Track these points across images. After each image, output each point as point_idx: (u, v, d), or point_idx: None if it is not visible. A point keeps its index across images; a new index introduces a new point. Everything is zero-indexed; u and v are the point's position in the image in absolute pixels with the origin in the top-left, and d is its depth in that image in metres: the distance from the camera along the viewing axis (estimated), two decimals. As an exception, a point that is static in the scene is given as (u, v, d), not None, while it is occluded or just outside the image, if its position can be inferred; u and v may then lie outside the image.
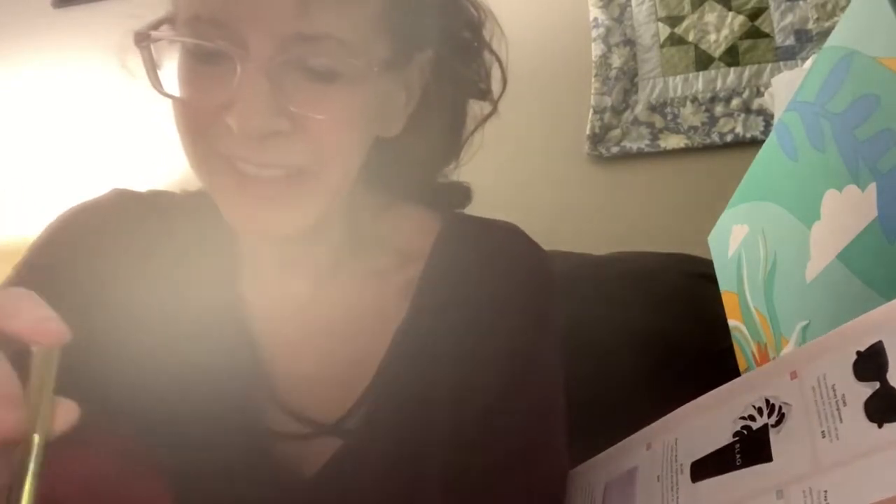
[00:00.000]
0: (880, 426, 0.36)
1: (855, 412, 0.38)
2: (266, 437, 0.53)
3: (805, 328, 0.67)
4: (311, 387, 0.54)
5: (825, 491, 0.37)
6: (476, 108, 0.60)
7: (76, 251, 0.57)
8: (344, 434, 0.53)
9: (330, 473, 0.53)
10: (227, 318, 0.55)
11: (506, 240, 0.59)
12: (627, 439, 0.59)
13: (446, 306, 0.55)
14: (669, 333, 0.98)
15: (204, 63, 0.45)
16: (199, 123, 0.46)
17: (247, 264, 0.57)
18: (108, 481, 0.47)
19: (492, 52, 0.57)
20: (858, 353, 0.39)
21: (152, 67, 0.46)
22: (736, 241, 0.83)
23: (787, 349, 0.69)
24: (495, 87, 0.59)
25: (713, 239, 0.90)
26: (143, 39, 0.46)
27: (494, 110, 0.60)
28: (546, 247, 1.13)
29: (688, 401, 0.53)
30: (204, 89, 0.45)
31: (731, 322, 0.85)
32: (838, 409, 0.39)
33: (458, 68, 0.56)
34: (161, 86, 0.46)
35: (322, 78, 0.45)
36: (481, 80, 0.58)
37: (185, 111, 0.46)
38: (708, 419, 0.49)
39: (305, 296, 0.56)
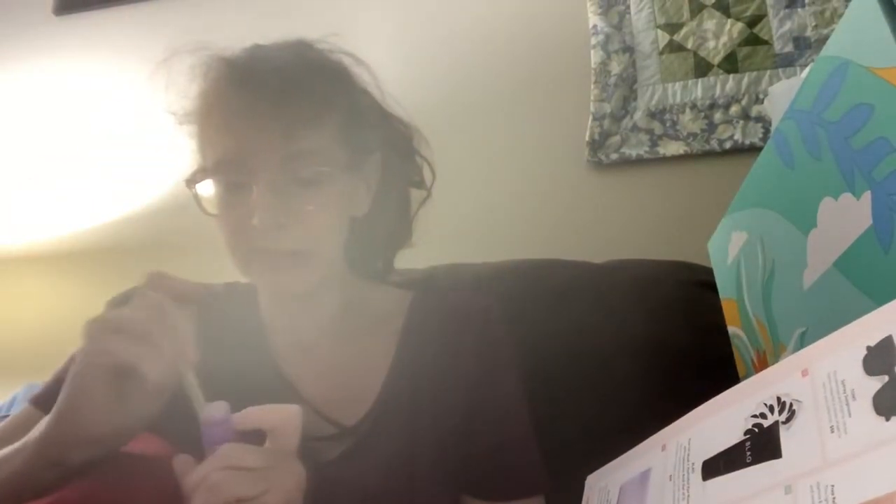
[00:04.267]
0: (888, 419, 0.36)
1: (864, 406, 0.38)
2: (307, 437, 0.70)
3: (803, 335, 0.67)
4: (328, 402, 0.74)
5: (832, 485, 0.37)
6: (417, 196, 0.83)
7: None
8: (358, 434, 0.72)
9: (344, 458, 0.71)
10: (265, 363, 0.77)
11: (461, 299, 0.81)
12: (644, 442, 0.59)
13: (422, 348, 0.76)
14: (669, 341, 0.99)
15: (231, 190, 0.67)
16: (234, 228, 0.67)
17: (271, 329, 0.78)
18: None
19: (420, 155, 0.81)
20: (868, 348, 0.39)
21: (199, 199, 0.68)
22: (735, 248, 0.83)
23: (785, 356, 0.69)
24: (428, 178, 0.83)
25: (713, 245, 0.91)
26: (191, 183, 0.68)
27: (429, 195, 0.83)
28: (545, 254, 1.14)
29: (688, 408, 0.53)
30: (235, 207, 0.67)
31: (731, 329, 0.85)
32: (847, 404, 0.39)
33: (399, 166, 0.79)
34: (208, 211, 0.68)
35: (307, 184, 0.67)
36: (416, 175, 0.82)
37: (226, 222, 0.68)
38: (720, 419, 0.49)
39: (313, 347, 0.77)
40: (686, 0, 1.45)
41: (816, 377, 0.42)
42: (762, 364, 0.77)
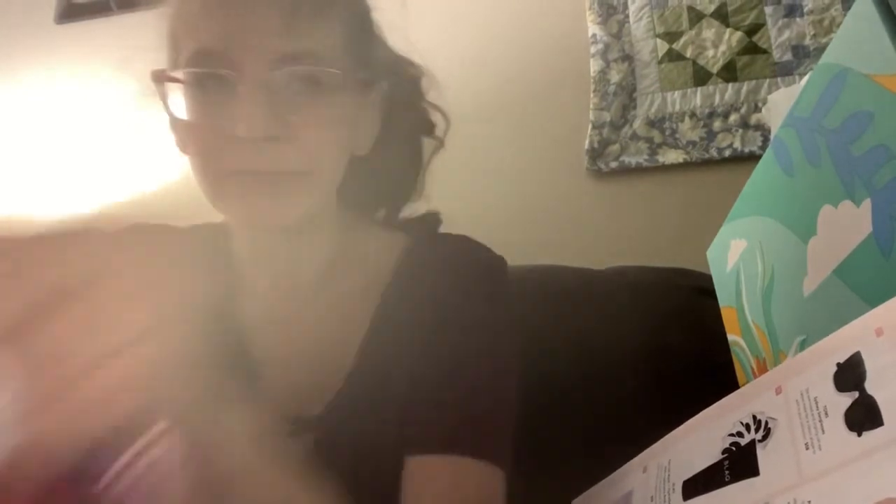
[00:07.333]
0: (859, 434, 0.36)
1: (836, 423, 0.38)
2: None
3: (803, 343, 0.67)
4: (295, 390, 0.61)
5: (809, 501, 0.37)
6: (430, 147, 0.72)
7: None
8: (320, 428, 0.59)
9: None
10: (227, 335, 0.63)
11: (456, 248, 0.67)
12: (626, 464, 0.59)
13: (404, 316, 0.62)
14: (668, 348, 0.98)
15: (207, 92, 0.54)
16: (208, 143, 0.54)
17: (242, 289, 0.65)
18: None
19: (428, 102, 0.70)
20: (838, 364, 0.40)
21: (166, 100, 0.55)
22: (734, 256, 0.83)
23: (786, 364, 0.69)
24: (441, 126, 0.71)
25: (712, 253, 0.91)
26: (160, 78, 0.55)
27: (441, 145, 0.71)
28: (545, 261, 1.14)
29: (688, 416, 0.54)
30: (210, 113, 0.54)
31: (731, 337, 0.85)
32: (820, 421, 0.39)
33: (404, 112, 0.68)
34: (174, 115, 0.56)
35: (307, 90, 0.54)
36: (425, 122, 0.70)
37: (196, 135, 0.55)
38: (699, 438, 0.49)
39: (291, 316, 0.64)
40: (685, 9, 1.46)
41: (790, 394, 0.43)
42: (762, 372, 0.77)
